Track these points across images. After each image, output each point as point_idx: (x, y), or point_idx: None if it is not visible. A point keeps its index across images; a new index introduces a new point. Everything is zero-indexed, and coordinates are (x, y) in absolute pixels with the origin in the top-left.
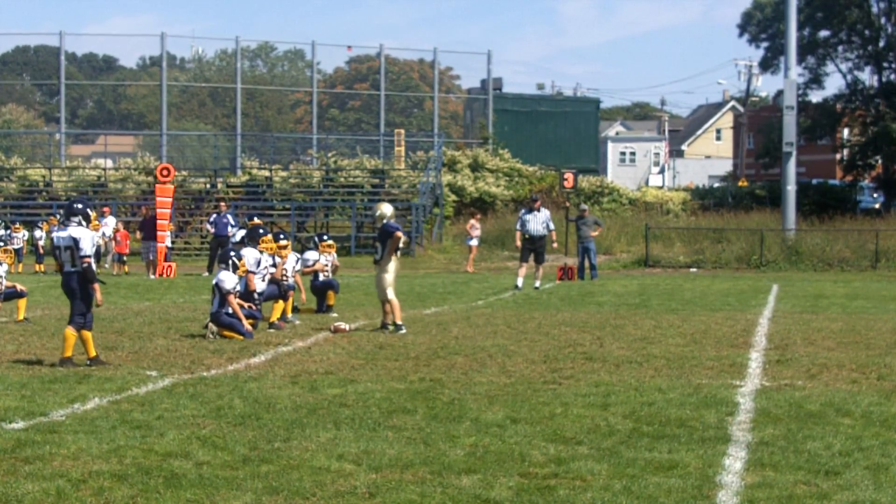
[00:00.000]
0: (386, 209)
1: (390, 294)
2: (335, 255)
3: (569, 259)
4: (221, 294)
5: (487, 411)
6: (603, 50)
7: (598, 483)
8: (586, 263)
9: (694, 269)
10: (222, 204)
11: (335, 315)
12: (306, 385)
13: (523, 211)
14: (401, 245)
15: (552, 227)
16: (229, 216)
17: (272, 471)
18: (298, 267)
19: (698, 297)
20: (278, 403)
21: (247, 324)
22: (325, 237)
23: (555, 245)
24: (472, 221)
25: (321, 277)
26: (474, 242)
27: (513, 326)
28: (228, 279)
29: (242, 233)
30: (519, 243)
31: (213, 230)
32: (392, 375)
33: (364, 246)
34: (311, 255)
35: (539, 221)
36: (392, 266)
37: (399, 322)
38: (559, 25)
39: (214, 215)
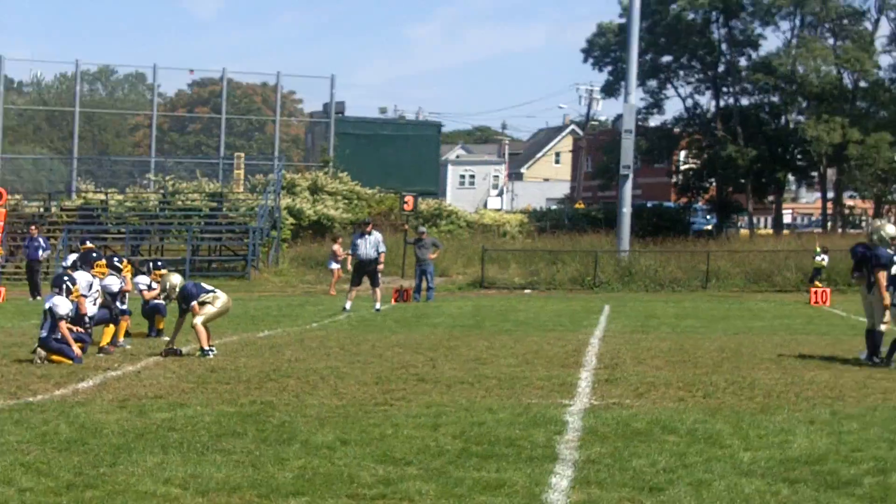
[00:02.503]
0: (175, 279)
1: (197, 321)
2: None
3: (405, 281)
4: (54, 319)
5: (318, 433)
6: (447, 74)
7: (426, 503)
8: (423, 285)
9: (528, 291)
10: (32, 228)
11: (166, 339)
12: (135, 409)
13: (355, 235)
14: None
15: (383, 248)
16: (41, 239)
17: (97, 496)
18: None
19: (531, 317)
20: (105, 428)
21: (76, 348)
22: (160, 264)
23: (380, 267)
24: (336, 246)
25: (151, 302)
26: (336, 266)
27: (346, 349)
28: (62, 304)
29: (74, 256)
30: (350, 266)
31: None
32: (223, 399)
33: (199, 269)
34: (141, 279)
35: (370, 245)
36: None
37: (206, 347)
38: (405, 50)
39: (28, 239)
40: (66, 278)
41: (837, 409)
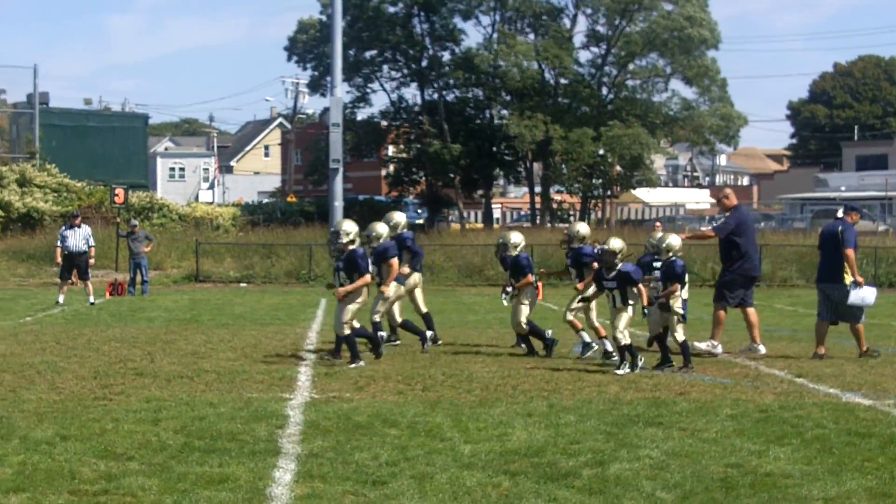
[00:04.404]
0: None
1: None
2: None
3: (119, 274)
4: None
5: (36, 429)
6: (151, 66)
7: (150, 498)
8: (138, 278)
9: (244, 284)
10: None
11: None
12: None
13: (63, 227)
14: None
15: (92, 243)
16: None
17: None
18: None
19: (248, 311)
20: None
21: None
22: None
23: (91, 262)
24: None
25: None
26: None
27: (62, 343)
28: None
29: None
30: (59, 259)
31: None
32: None
33: None
34: None
35: (79, 237)
36: None
37: None
38: (106, 40)
39: None
40: None
41: (554, 402)
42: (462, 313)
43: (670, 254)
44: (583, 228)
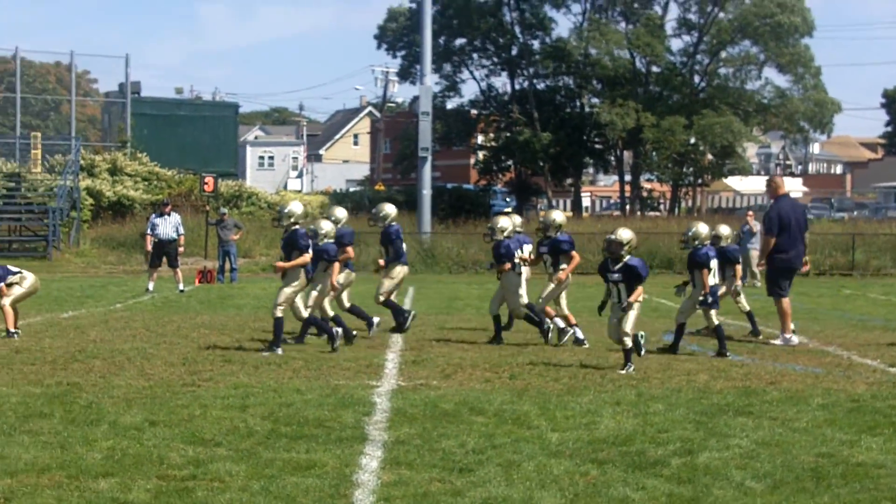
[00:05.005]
0: None
1: (4, 302)
2: None
3: (208, 262)
4: None
5: (126, 414)
6: (241, 54)
7: (237, 484)
8: (227, 266)
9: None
10: None
11: None
12: None
13: (153, 215)
14: None
15: (182, 231)
16: None
17: None
18: None
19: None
20: None
21: None
22: None
23: (181, 249)
24: None
25: None
26: None
27: (151, 330)
28: None
29: None
30: (149, 247)
31: None
32: (28, 379)
33: (0, 250)
34: None
35: (169, 225)
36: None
37: (11, 329)
38: (198, 29)
39: None
40: None
41: (643, 391)
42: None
43: (696, 242)
44: (558, 216)
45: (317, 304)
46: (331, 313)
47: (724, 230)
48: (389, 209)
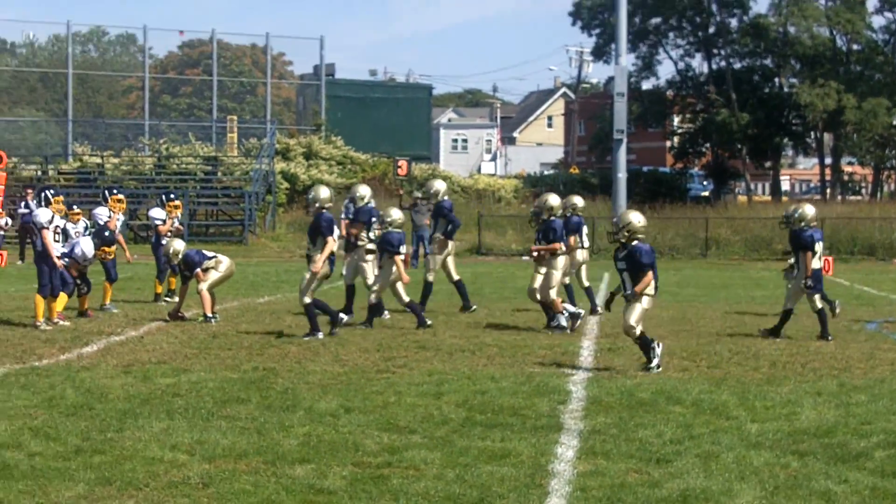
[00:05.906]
0: (177, 245)
1: (202, 287)
2: (179, 217)
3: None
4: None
5: (321, 401)
6: (435, 36)
7: (432, 472)
8: (420, 251)
9: (526, 258)
10: (28, 191)
11: (163, 303)
12: (139, 375)
13: (347, 199)
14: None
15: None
16: (32, 203)
17: (105, 461)
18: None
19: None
20: (111, 393)
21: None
22: (172, 196)
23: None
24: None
25: (164, 242)
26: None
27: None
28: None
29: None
30: (343, 232)
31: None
32: (225, 365)
33: (198, 234)
34: (156, 212)
35: None
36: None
37: (209, 313)
38: (391, 11)
39: (23, 202)
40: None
41: (844, 381)
42: (749, 288)
43: (802, 223)
44: (553, 200)
45: (382, 289)
46: (406, 298)
47: None
48: (439, 185)
